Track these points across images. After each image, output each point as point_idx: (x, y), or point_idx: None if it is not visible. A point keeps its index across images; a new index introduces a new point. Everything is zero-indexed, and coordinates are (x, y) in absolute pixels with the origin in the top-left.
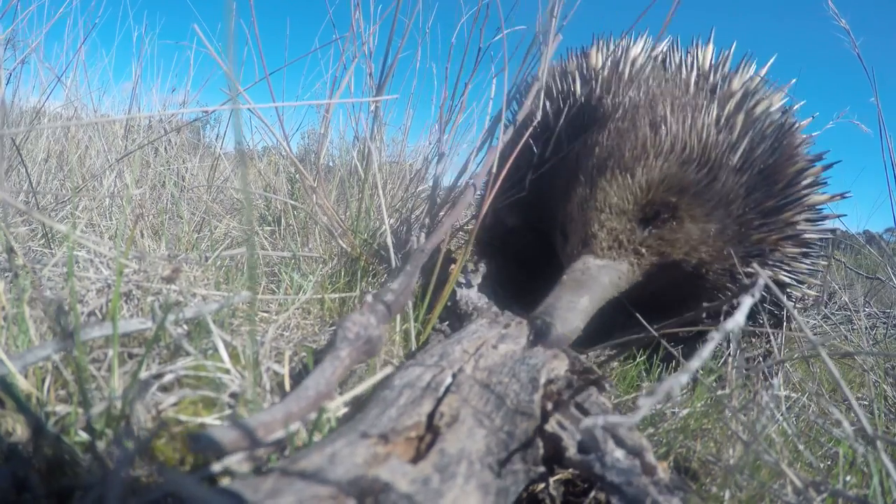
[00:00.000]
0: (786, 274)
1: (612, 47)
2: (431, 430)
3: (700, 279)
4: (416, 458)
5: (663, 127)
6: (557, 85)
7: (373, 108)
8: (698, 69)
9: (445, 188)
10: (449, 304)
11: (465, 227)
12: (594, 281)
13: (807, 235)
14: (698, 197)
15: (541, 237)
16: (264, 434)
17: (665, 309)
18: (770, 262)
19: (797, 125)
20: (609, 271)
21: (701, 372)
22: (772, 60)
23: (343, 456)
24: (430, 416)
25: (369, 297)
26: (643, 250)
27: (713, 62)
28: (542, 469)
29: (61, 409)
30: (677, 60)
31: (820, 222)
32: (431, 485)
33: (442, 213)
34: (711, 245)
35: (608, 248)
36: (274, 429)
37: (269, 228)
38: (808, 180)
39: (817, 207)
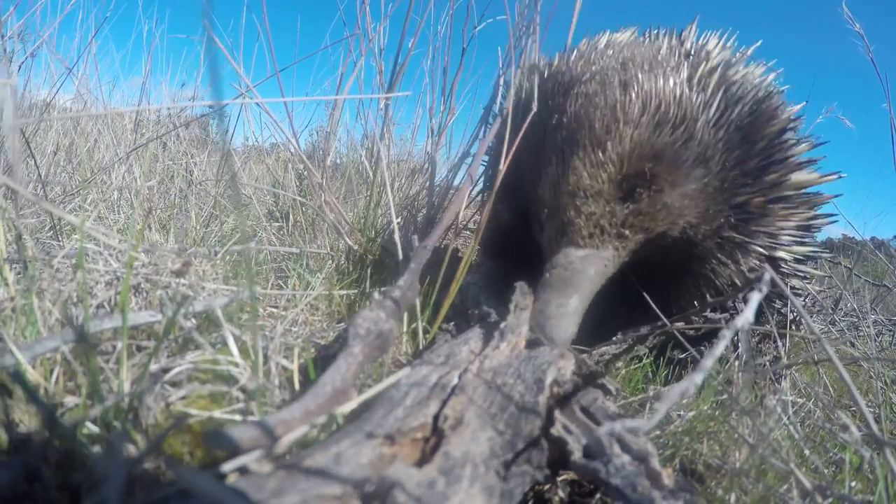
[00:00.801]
0: (784, 251)
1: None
2: (437, 432)
3: (688, 244)
4: (422, 460)
5: (634, 86)
6: (543, 74)
7: (382, 105)
8: (675, 38)
9: (440, 187)
10: (456, 302)
11: (470, 227)
12: (580, 275)
13: (801, 213)
14: (675, 159)
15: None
16: (283, 432)
17: (657, 285)
18: (762, 230)
19: (777, 90)
20: (594, 261)
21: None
22: (757, 44)
23: (348, 456)
24: (436, 417)
25: (377, 295)
26: (626, 232)
27: (693, 39)
28: (546, 472)
29: (70, 400)
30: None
31: (817, 206)
32: (437, 488)
33: (442, 213)
34: (695, 206)
35: (589, 235)
36: (293, 426)
37: (276, 224)
38: (796, 146)
39: (812, 189)
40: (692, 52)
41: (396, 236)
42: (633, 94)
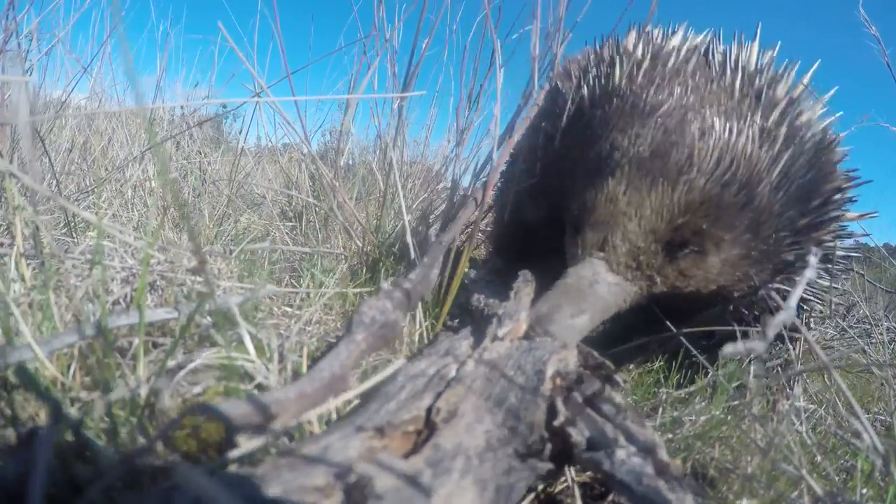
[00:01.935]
0: (807, 293)
1: (648, 37)
2: (430, 425)
3: (713, 295)
4: (412, 452)
5: (712, 136)
6: (593, 71)
7: (396, 105)
8: (743, 70)
9: (464, 188)
10: (462, 300)
11: (482, 228)
12: (599, 299)
13: (831, 252)
14: (730, 223)
15: (556, 234)
16: (277, 411)
17: (677, 320)
18: (793, 279)
19: (837, 140)
20: (617, 291)
21: (721, 377)
22: (815, 67)
23: (337, 449)
24: (430, 410)
25: (385, 285)
26: (658, 279)
27: (758, 64)
28: (549, 466)
29: (86, 395)
30: (720, 57)
31: (846, 239)
32: (422, 479)
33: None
34: (733, 272)
35: (625, 266)
36: (287, 407)
37: (289, 224)
38: (841, 197)
39: (843, 224)
40: (762, 93)
41: (408, 237)
42: (711, 144)
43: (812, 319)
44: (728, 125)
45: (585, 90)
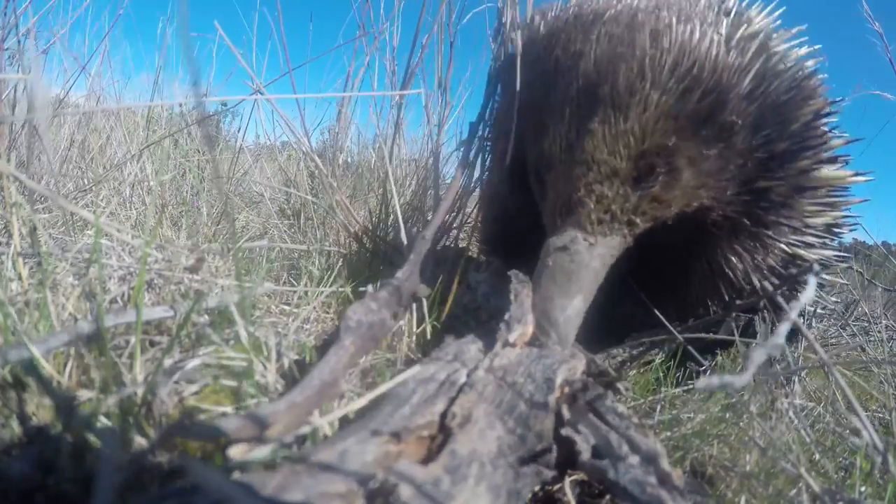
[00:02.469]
0: (809, 252)
1: None
2: (444, 430)
3: (699, 228)
4: (428, 458)
5: (667, 37)
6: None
7: (395, 102)
8: None
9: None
10: (466, 301)
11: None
12: (586, 269)
13: (829, 212)
14: (698, 133)
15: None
16: (268, 422)
17: (669, 273)
18: (784, 224)
19: (819, 74)
20: (600, 252)
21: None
22: (802, 28)
23: (353, 453)
24: (444, 415)
25: (370, 287)
26: (637, 220)
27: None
28: (554, 472)
29: (83, 394)
30: None
31: (844, 207)
32: (442, 486)
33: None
34: (712, 186)
35: (598, 221)
36: (278, 419)
37: (287, 222)
38: (823, 124)
39: (840, 185)
40: (733, 11)
41: (402, 234)
42: (665, 47)
43: (813, 318)
44: (689, 27)
45: (540, 23)
